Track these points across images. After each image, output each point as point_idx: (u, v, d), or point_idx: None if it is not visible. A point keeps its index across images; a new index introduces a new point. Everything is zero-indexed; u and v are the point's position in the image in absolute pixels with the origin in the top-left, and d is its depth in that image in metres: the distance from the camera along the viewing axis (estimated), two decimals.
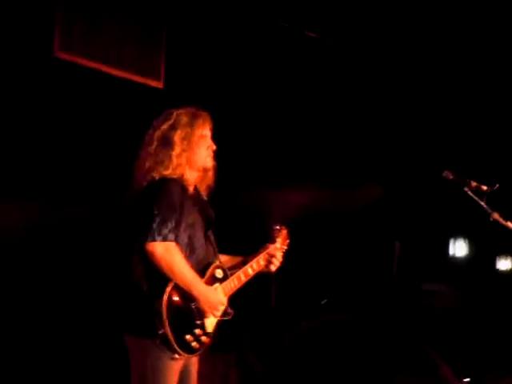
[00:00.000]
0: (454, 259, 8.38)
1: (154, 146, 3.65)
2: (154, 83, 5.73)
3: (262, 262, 3.90)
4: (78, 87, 5.31)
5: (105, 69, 5.42)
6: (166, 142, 3.65)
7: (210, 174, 3.82)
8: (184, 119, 3.71)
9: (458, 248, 8.45)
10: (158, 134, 3.68)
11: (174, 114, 3.72)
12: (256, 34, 6.21)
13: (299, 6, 6.26)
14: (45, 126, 5.16)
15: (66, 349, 5.16)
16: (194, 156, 3.70)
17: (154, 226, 3.42)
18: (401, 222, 6.61)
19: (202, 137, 3.73)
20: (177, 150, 3.64)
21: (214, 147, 3.79)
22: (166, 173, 3.60)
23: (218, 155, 3.78)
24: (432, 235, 7.91)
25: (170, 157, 3.63)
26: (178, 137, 3.66)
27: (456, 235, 8.36)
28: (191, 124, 3.71)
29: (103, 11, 5.48)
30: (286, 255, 4.04)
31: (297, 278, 6.13)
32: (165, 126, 3.68)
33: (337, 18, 6.41)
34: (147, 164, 3.64)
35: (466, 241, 8.44)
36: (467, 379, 5.91)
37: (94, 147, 5.38)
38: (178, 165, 3.63)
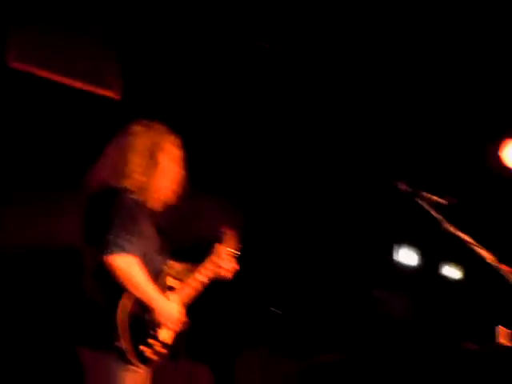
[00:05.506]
0: (400, 266, 8.45)
1: (115, 157, 3.66)
2: (110, 94, 5.71)
3: (210, 267, 3.93)
4: (33, 97, 5.28)
5: (60, 79, 5.39)
6: (130, 153, 3.65)
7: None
8: (145, 131, 3.74)
9: (404, 255, 8.53)
10: (121, 144, 3.69)
11: (136, 128, 3.75)
12: (215, 47, 6.23)
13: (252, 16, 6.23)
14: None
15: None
16: (158, 167, 3.73)
17: (111, 237, 3.40)
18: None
19: (165, 149, 3.76)
20: (141, 160, 3.66)
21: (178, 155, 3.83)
22: (125, 183, 3.60)
23: None
24: (377, 242, 7.96)
25: (136, 166, 3.64)
26: (141, 147, 3.68)
27: (402, 242, 8.44)
28: (152, 136, 3.74)
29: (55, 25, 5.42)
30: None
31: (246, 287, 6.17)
32: (127, 139, 3.70)
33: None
34: (104, 173, 3.64)
35: (413, 248, 8.54)
36: None
37: (50, 156, 5.36)
38: (141, 175, 3.65)
